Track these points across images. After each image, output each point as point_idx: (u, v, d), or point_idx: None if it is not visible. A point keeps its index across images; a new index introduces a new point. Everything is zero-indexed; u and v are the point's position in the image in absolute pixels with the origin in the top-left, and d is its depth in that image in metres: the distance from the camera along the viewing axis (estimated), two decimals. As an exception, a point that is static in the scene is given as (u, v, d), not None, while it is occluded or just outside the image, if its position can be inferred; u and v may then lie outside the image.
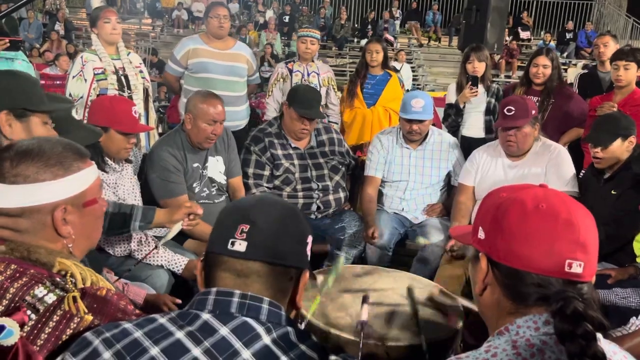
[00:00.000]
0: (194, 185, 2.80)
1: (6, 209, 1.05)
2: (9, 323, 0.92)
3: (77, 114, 3.24)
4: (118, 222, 2.12)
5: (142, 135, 3.55)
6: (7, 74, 1.67)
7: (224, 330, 0.93)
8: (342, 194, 3.22)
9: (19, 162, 1.06)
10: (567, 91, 3.74)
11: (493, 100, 3.79)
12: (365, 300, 1.66)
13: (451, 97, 3.94)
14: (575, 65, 13.09)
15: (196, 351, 0.91)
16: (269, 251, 1.00)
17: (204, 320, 0.94)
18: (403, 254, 3.26)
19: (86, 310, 0.98)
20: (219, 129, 2.73)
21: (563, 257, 0.89)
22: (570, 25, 15.39)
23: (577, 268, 0.89)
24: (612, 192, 2.66)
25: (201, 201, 2.82)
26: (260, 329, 0.94)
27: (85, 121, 2.49)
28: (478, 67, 3.77)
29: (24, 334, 0.94)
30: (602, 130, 2.68)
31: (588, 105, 3.69)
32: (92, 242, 1.21)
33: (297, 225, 1.05)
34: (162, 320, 0.95)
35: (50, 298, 0.98)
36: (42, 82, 8.82)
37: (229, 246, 0.99)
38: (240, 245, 0.99)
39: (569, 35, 15.05)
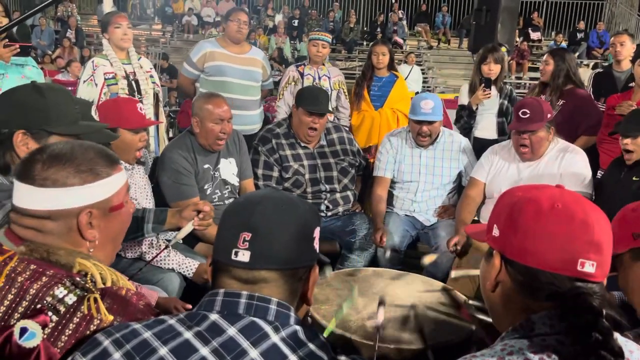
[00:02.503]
0: (205, 187, 2.81)
1: (33, 210, 1.07)
2: (31, 325, 0.92)
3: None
4: (131, 227, 2.12)
5: (152, 140, 3.56)
6: (31, 89, 1.55)
7: (231, 330, 0.93)
8: (349, 192, 3.22)
9: (50, 165, 1.07)
10: (580, 93, 3.69)
11: (506, 102, 3.76)
12: (381, 303, 1.65)
13: (463, 99, 3.91)
14: (587, 65, 12.99)
15: (204, 351, 0.91)
16: (274, 259, 0.98)
17: (212, 320, 0.95)
18: (414, 256, 3.23)
19: (106, 312, 0.98)
20: (228, 128, 2.74)
21: (576, 256, 0.90)
22: (581, 25, 15.28)
23: (589, 268, 0.90)
24: (634, 178, 2.66)
25: (213, 203, 2.82)
26: (268, 328, 0.94)
27: None
28: (494, 68, 3.74)
29: (45, 336, 0.94)
30: (632, 122, 2.72)
31: (604, 106, 3.65)
32: (117, 245, 1.23)
33: (302, 223, 1.03)
34: (171, 321, 0.96)
35: (71, 299, 0.98)
36: (55, 88, 8.87)
37: (233, 256, 0.98)
38: (244, 256, 0.98)
39: (580, 36, 14.95)
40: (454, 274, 2.35)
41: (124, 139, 2.36)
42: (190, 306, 2.06)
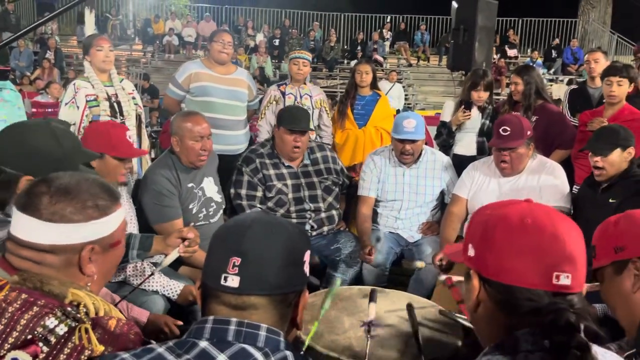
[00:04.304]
0: (191, 206, 2.79)
1: (36, 243, 1.06)
2: (22, 356, 0.92)
3: None
4: None
5: (135, 161, 3.54)
6: (49, 135, 1.50)
7: (221, 358, 0.92)
8: (334, 212, 3.23)
9: (58, 200, 1.06)
10: (551, 109, 3.73)
11: (487, 122, 3.82)
12: (372, 297, 1.65)
13: (446, 116, 3.96)
14: (562, 81, 13.28)
15: None
16: (263, 284, 0.98)
17: (201, 348, 0.94)
18: (399, 273, 3.25)
19: (97, 343, 0.98)
20: (208, 144, 2.74)
21: (551, 270, 0.91)
22: (556, 42, 15.68)
23: (565, 280, 0.91)
24: (610, 200, 2.66)
25: (199, 222, 2.81)
26: (258, 355, 0.93)
27: None
28: (483, 96, 3.81)
29: None
30: (601, 140, 2.74)
31: (577, 121, 3.72)
32: (108, 278, 1.24)
33: (293, 248, 1.03)
34: (160, 349, 0.95)
35: (62, 329, 0.98)
36: (34, 110, 8.82)
37: (222, 281, 0.97)
38: (233, 281, 0.97)
39: (555, 52, 15.32)
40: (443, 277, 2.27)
41: (108, 165, 2.33)
42: (181, 322, 2.05)
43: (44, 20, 3.67)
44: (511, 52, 15.59)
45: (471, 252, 1.00)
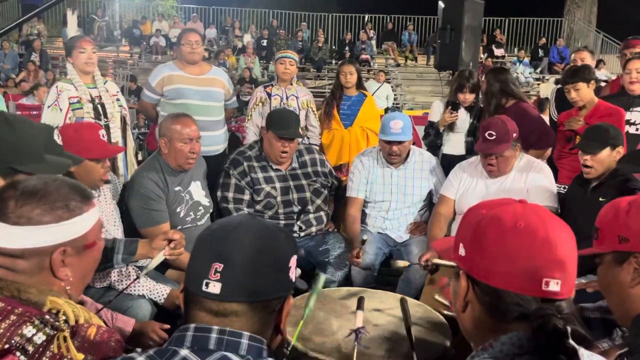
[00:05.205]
0: (178, 209, 2.76)
1: (5, 248, 1.04)
2: None
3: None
4: (101, 258, 2.07)
5: (121, 164, 3.50)
6: (2, 122, 1.46)
7: None
8: (322, 213, 3.22)
9: (24, 202, 1.04)
10: (518, 108, 3.67)
11: (475, 122, 3.83)
12: (360, 307, 1.64)
13: (434, 116, 3.96)
14: (548, 80, 13.40)
15: None
16: (246, 291, 0.95)
17: (182, 356, 0.92)
18: (388, 274, 3.25)
19: (76, 352, 0.96)
20: (197, 147, 2.72)
21: (541, 275, 0.90)
22: (543, 41, 15.83)
23: (554, 286, 0.90)
24: (600, 199, 2.65)
25: (186, 226, 2.79)
26: None
27: None
28: (469, 98, 3.81)
29: None
30: (591, 138, 2.75)
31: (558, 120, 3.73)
32: (87, 281, 1.21)
33: (277, 253, 1.00)
34: (140, 358, 0.93)
35: (40, 338, 0.96)
36: (19, 112, 8.73)
37: (204, 287, 0.95)
38: (215, 287, 0.95)
39: (541, 51, 15.46)
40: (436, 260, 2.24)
41: (86, 167, 2.29)
42: (168, 326, 2.02)
43: (24, 19, 3.62)
44: (498, 52, 15.70)
45: (462, 251, 0.98)
